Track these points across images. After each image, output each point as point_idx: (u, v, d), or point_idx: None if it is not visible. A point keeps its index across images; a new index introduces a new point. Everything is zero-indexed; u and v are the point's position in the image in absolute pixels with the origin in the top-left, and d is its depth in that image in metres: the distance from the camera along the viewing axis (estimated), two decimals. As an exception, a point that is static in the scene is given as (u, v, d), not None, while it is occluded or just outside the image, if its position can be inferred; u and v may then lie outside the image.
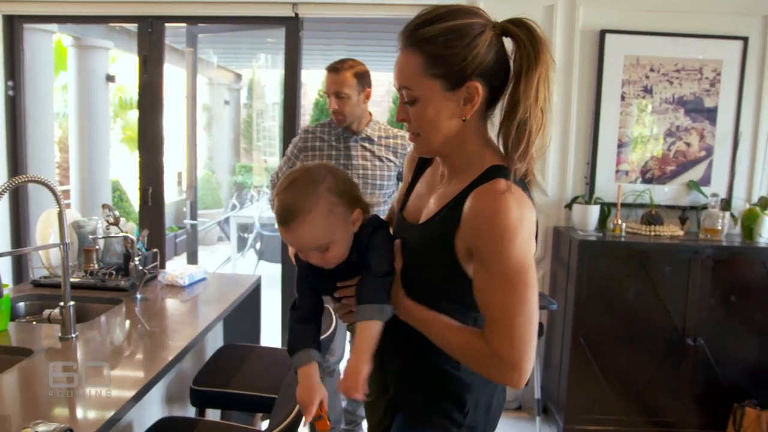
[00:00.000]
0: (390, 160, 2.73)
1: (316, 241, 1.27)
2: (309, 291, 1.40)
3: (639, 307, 3.14)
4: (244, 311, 2.99)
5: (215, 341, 2.86)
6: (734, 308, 3.16)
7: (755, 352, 3.19)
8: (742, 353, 3.18)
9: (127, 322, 2.18)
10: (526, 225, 1.17)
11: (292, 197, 1.25)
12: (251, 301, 2.75)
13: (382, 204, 2.74)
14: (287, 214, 1.25)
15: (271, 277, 4.00)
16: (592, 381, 3.17)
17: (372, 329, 1.26)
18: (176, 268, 2.68)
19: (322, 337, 2.04)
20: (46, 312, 2.10)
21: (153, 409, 2.19)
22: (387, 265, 1.32)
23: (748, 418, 3.01)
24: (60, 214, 1.92)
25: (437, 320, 1.27)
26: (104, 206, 2.70)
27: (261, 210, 6.84)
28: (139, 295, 2.42)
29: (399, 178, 2.77)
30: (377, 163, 2.70)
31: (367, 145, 2.71)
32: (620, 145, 3.45)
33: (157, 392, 2.22)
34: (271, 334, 3.76)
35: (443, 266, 1.26)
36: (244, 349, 2.56)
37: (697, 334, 3.13)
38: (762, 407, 3.03)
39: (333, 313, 1.90)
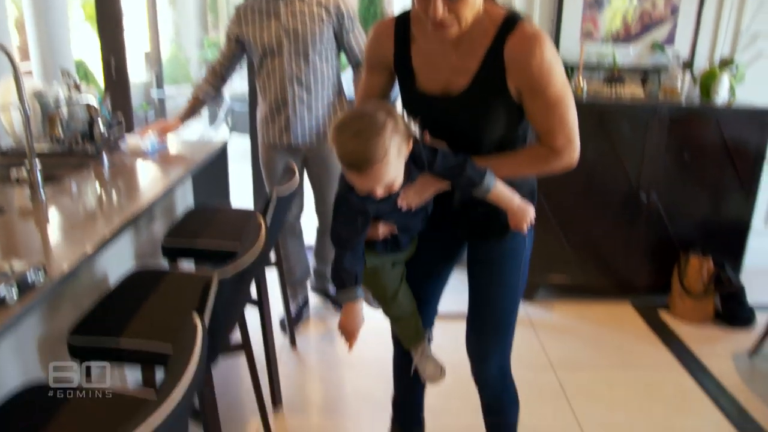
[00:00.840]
0: (322, 19, 2.65)
1: (389, 180, 1.38)
2: (360, 229, 1.52)
3: (597, 166, 3.25)
4: (213, 176, 3.07)
5: (185, 204, 2.95)
6: (687, 166, 3.28)
7: (704, 208, 3.35)
8: (691, 208, 3.35)
9: (96, 183, 2.24)
10: (556, 52, 1.41)
11: (365, 146, 1.32)
12: (219, 165, 2.81)
13: (319, 63, 2.69)
14: (362, 162, 1.34)
15: (242, 152, 4.04)
16: (551, 235, 3.33)
17: (500, 186, 1.48)
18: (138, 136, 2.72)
19: (289, 193, 2.14)
20: (14, 172, 2.14)
21: (127, 262, 2.30)
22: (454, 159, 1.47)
23: (691, 265, 3.22)
24: (16, 75, 1.92)
25: (503, 158, 1.52)
26: (63, 72, 2.68)
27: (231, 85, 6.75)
28: (106, 159, 2.47)
29: (337, 39, 2.72)
30: (308, 21, 2.65)
31: (297, 3, 2.64)
32: (588, 6, 3.41)
33: (128, 247, 2.33)
34: (242, 198, 3.87)
35: (504, 110, 1.47)
36: (212, 210, 2.66)
37: (651, 190, 3.27)
38: (705, 255, 3.24)
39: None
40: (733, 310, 3.21)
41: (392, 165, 1.36)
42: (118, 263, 2.20)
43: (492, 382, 1.77)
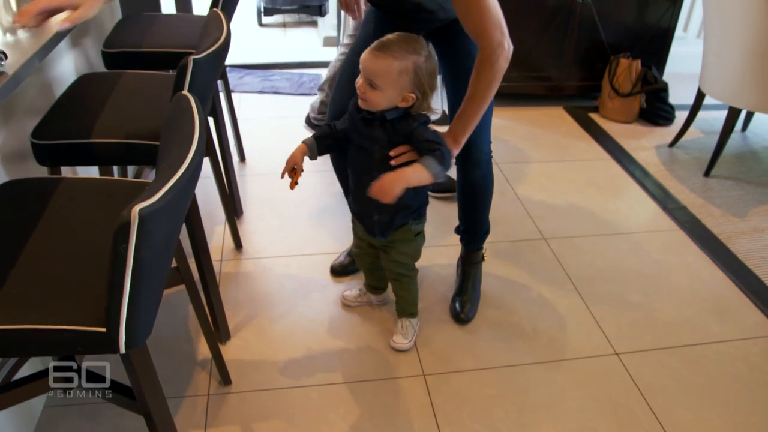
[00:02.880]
0: None
1: (374, 77, 1.50)
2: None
3: (534, -31, 3.24)
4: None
5: (113, 17, 2.76)
6: (620, -33, 3.32)
7: (635, 12, 3.44)
8: (623, 13, 3.43)
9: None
10: None
11: (395, 41, 1.51)
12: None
13: None
14: (382, 46, 1.50)
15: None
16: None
17: (423, 173, 1.50)
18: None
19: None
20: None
21: (69, 74, 2.18)
22: (434, 140, 1.54)
23: (621, 66, 3.37)
24: None
25: (468, 106, 1.59)
26: None
27: None
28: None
29: None
30: None
31: None
32: None
33: (68, 59, 2.20)
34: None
35: None
36: (149, 17, 2.50)
37: (585, -7, 3.31)
38: (633, 58, 3.38)
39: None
40: (657, 108, 3.42)
41: (389, 70, 1.48)
42: (59, 78, 2.09)
43: (484, 158, 1.88)
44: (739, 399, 1.80)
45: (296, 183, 1.67)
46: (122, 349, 1.03)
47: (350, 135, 1.67)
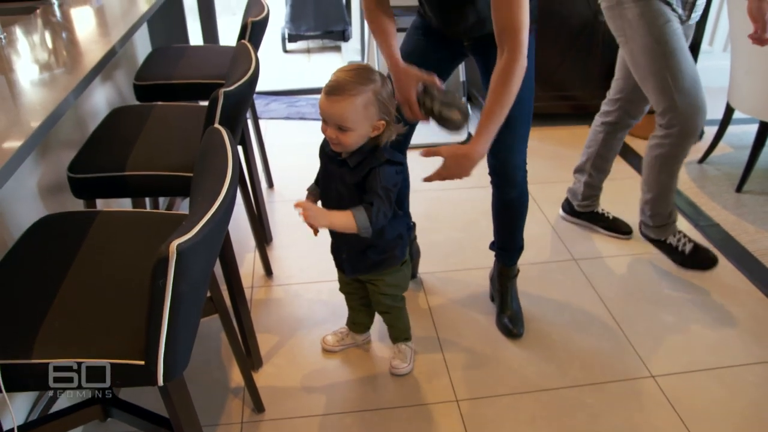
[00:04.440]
0: None
1: (342, 120, 1.46)
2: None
3: (556, -10, 3.25)
4: (169, 19, 2.91)
5: (145, 50, 2.82)
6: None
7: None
8: (646, 27, 3.41)
9: (50, 30, 2.10)
10: None
11: (347, 79, 1.45)
12: (175, 6, 2.67)
13: None
14: (336, 88, 1.45)
15: None
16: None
17: (349, 221, 1.50)
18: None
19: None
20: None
21: (102, 108, 2.24)
22: (382, 192, 1.51)
23: (648, 83, 3.35)
24: None
25: (490, 116, 1.57)
26: None
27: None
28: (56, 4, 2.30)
29: None
30: None
31: None
32: None
33: (101, 94, 2.25)
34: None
35: None
36: (178, 49, 2.55)
37: (608, 11, 3.30)
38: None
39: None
40: (684, 124, 3.38)
41: (352, 109, 1.45)
42: (93, 111, 2.14)
43: (520, 177, 1.90)
44: (783, 422, 1.75)
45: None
46: (161, 382, 1.04)
47: (320, 175, 1.69)
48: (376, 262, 1.70)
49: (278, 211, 2.76)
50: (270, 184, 2.97)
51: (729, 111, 3.00)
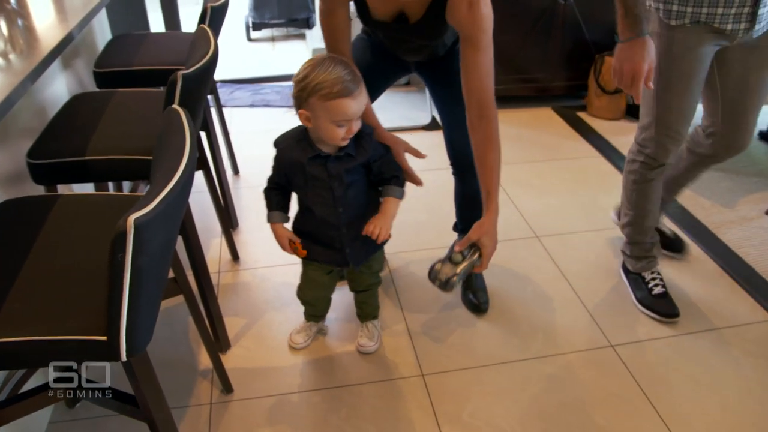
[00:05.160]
0: None
1: (361, 111, 1.52)
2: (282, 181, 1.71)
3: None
4: (129, 5, 2.88)
5: (104, 38, 2.79)
6: (600, -33, 3.37)
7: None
8: (605, 12, 3.47)
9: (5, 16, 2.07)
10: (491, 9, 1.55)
11: (347, 73, 1.47)
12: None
13: None
14: (356, 81, 1.48)
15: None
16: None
17: (396, 203, 1.66)
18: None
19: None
20: None
21: (62, 94, 2.22)
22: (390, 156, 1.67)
23: (606, 64, 3.41)
24: None
25: (489, 172, 1.63)
26: None
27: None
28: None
29: None
30: None
31: None
32: None
33: (61, 80, 2.23)
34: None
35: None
36: (138, 36, 2.53)
37: (567, -6, 3.36)
38: (618, 55, 3.42)
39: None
40: (643, 104, 3.46)
41: (366, 98, 1.54)
42: (53, 100, 2.12)
43: None
44: (736, 385, 1.83)
45: (303, 249, 1.74)
46: (123, 357, 1.06)
47: (301, 184, 1.67)
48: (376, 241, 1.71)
49: (244, 197, 2.77)
50: (236, 171, 2.97)
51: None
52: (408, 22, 1.62)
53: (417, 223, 2.55)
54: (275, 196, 1.73)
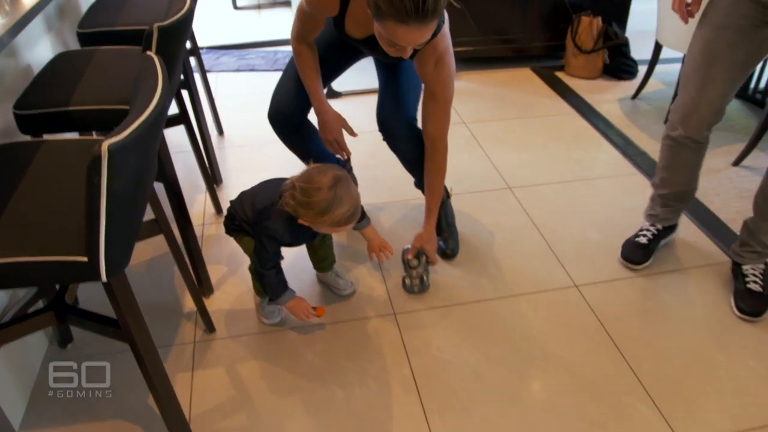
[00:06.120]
0: None
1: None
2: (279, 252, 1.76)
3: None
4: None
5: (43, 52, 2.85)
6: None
7: (593, -31, 3.55)
8: (582, -29, 3.54)
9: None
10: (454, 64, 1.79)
11: (357, 208, 1.65)
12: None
13: None
14: (357, 216, 1.66)
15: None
16: (454, 9, 3.46)
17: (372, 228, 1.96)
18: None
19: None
20: None
21: (46, 51, 2.29)
22: None
23: (583, 24, 3.48)
24: None
25: (433, 194, 2.00)
26: None
27: None
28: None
29: None
30: None
31: None
32: None
33: (44, 37, 2.30)
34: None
35: None
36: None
37: (544, -45, 3.42)
38: (594, 15, 3.49)
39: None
40: (619, 63, 3.54)
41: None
42: (38, 61, 2.19)
43: (404, 132, 1.97)
44: (686, 319, 1.94)
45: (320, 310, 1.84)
46: (104, 278, 1.15)
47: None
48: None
49: (229, 156, 2.85)
50: (220, 132, 3.05)
51: (657, 48, 3.15)
52: (378, 44, 1.63)
53: (391, 177, 2.63)
54: (281, 275, 1.78)
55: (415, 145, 1.96)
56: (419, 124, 1.92)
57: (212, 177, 2.58)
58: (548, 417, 1.63)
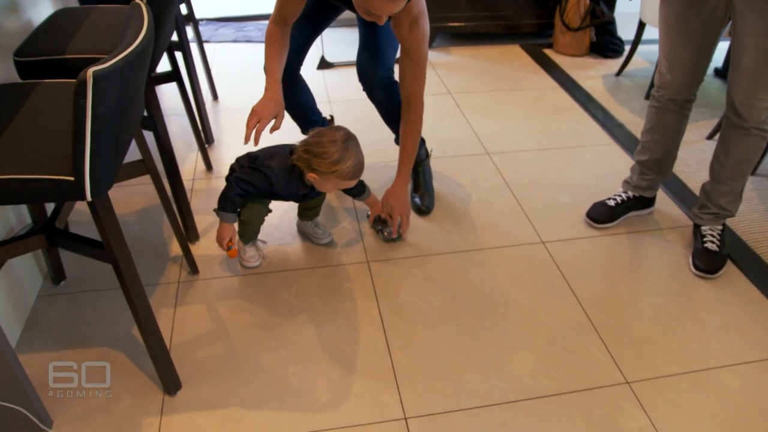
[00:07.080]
0: None
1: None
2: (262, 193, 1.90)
3: None
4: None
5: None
6: None
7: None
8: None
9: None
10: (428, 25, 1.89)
11: (360, 163, 1.85)
12: None
13: None
14: (360, 171, 1.86)
15: None
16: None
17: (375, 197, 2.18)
18: None
19: None
20: None
21: (47, 7, 2.40)
22: None
23: (571, 2, 3.57)
24: None
25: (408, 151, 2.13)
26: None
27: None
28: None
29: None
30: None
31: None
32: None
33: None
34: None
35: None
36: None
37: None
38: (583, -6, 3.59)
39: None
40: (606, 42, 3.63)
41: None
42: (38, 14, 2.30)
43: (382, 81, 2.11)
44: (646, 274, 2.06)
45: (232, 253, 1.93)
46: (89, 197, 1.27)
47: (281, 196, 1.98)
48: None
49: (222, 119, 2.97)
50: (215, 96, 3.16)
51: (641, 26, 3.24)
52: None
53: (376, 140, 2.74)
54: (239, 201, 1.89)
55: (390, 93, 2.12)
56: (396, 78, 2.06)
57: (204, 137, 2.69)
58: (503, 355, 1.76)
